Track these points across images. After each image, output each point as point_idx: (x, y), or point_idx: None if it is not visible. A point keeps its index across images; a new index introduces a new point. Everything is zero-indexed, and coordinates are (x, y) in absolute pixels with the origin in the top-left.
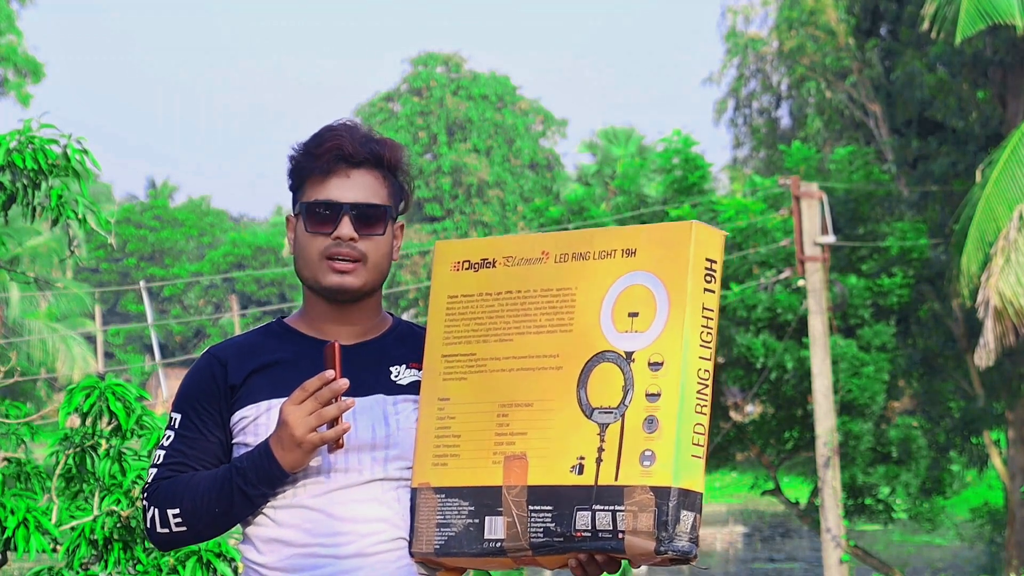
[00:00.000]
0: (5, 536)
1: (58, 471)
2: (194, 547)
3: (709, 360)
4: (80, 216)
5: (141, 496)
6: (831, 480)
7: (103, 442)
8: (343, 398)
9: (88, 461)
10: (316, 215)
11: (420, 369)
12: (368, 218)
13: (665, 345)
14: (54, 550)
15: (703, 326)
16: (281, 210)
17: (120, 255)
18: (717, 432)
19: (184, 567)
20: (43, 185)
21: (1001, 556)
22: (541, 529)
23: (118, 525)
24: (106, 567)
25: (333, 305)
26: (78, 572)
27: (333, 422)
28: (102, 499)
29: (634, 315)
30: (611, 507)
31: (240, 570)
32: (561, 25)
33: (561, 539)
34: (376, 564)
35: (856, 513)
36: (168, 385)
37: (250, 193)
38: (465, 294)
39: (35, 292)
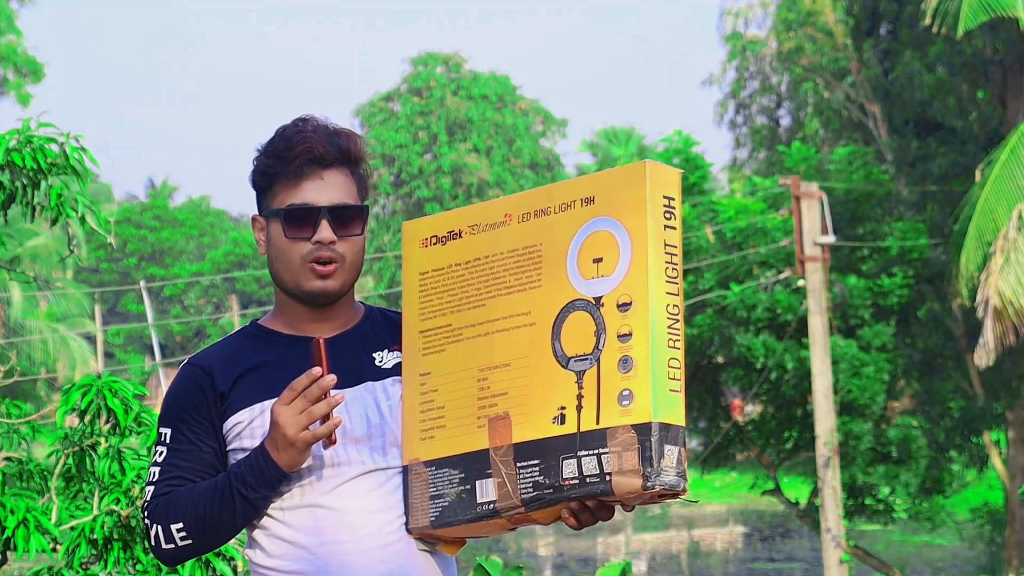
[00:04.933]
0: (5, 536)
1: (57, 471)
2: None
3: (677, 295)
4: (80, 215)
5: (142, 515)
6: (831, 480)
7: (102, 441)
8: (332, 393)
9: (87, 461)
10: (294, 220)
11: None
12: (346, 219)
13: (631, 285)
14: (54, 550)
15: (667, 262)
16: None
17: (120, 255)
18: (717, 432)
19: (183, 566)
20: (42, 184)
21: (1001, 556)
22: (530, 483)
23: (118, 524)
24: (106, 567)
25: (308, 306)
26: (78, 572)
27: (324, 418)
28: (102, 498)
29: (599, 260)
30: (595, 451)
31: (240, 569)
32: (561, 25)
33: (551, 491)
34: (397, 552)
35: (856, 513)
36: (168, 385)
37: (250, 193)
38: (435, 268)
39: (36, 292)
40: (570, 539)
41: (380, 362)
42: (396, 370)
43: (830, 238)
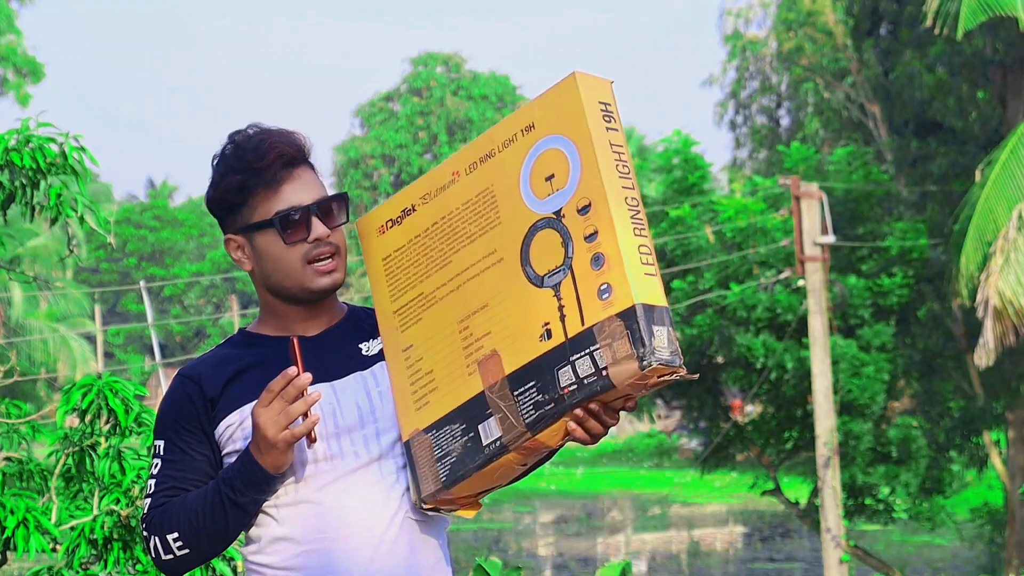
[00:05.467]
0: (5, 536)
1: (57, 471)
2: None
3: (633, 189)
4: (79, 215)
5: (141, 528)
6: (831, 480)
7: (102, 440)
8: (310, 391)
9: (87, 461)
10: (290, 225)
11: None
12: (332, 211)
13: (587, 188)
14: (54, 550)
15: (616, 160)
16: None
17: (120, 255)
18: (717, 432)
19: None
20: (42, 184)
21: (1001, 556)
22: (531, 405)
23: (118, 525)
24: (106, 567)
25: (307, 305)
26: (78, 572)
27: (304, 417)
28: (102, 498)
29: (551, 178)
30: (587, 350)
31: (240, 569)
32: (561, 25)
33: (552, 404)
34: (390, 550)
35: (856, 513)
36: (167, 388)
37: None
38: (396, 249)
39: (36, 292)
40: (570, 539)
41: (367, 351)
42: (383, 355)
43: (830, 238)
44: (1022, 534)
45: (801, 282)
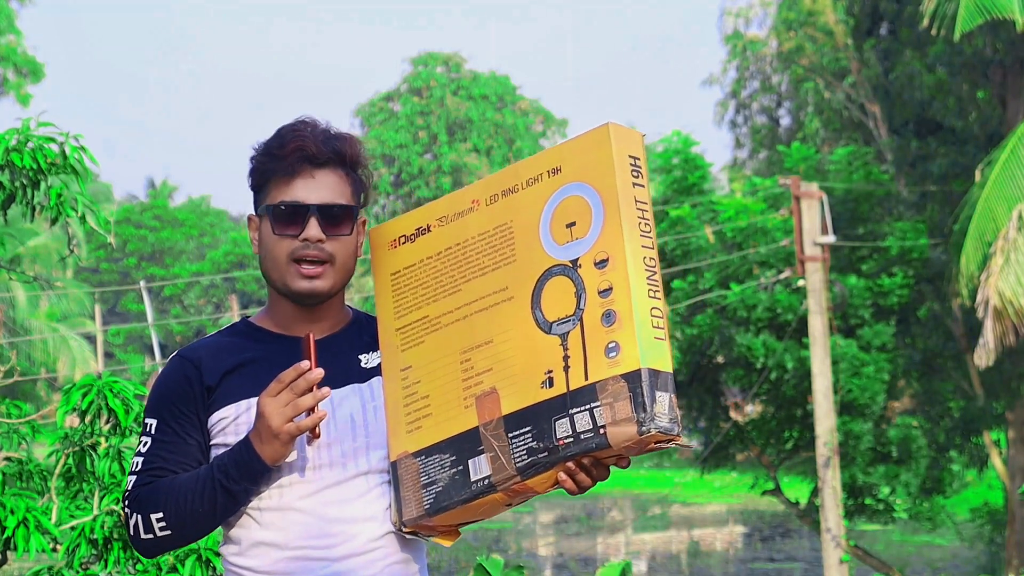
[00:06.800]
0: (5, 536)
1: (57, 471)
2: (193, 545)
3: (652, 248)
4: (80, 215)
5: (122, 504)
6: (831, 480)
7: (102, 441)
8: (318, 388)
9: (88, 461)
10: (283, 217)
11: None
12: (335, 219)
13: (607, 242)
14: (54, 550)
15: (639, 218)
16: None
17: (120, 255)
18: (717, 432)
19: (183, 565)
20: (42, 184)
21: (1001, 556)
22: (524, 451)
23: (118, 524)
24: (106, 566)
25: (300, 306)
26: (78, 572)
27: (310, 412)
28: (102, 498)
29: (572, 225)
30: (587, 406)
31: None
32: (561, 24)
33: (545, 453)
34: (367, 563)
35: (856, 513)
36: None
37: (250, 193)
38: (406, 266)
39: (37, 292)
40: (570, 539)
41: (366, 364)
42: (380, 369)
43: (830, 238)
44: (1022, 534)
45: (801, 282)
